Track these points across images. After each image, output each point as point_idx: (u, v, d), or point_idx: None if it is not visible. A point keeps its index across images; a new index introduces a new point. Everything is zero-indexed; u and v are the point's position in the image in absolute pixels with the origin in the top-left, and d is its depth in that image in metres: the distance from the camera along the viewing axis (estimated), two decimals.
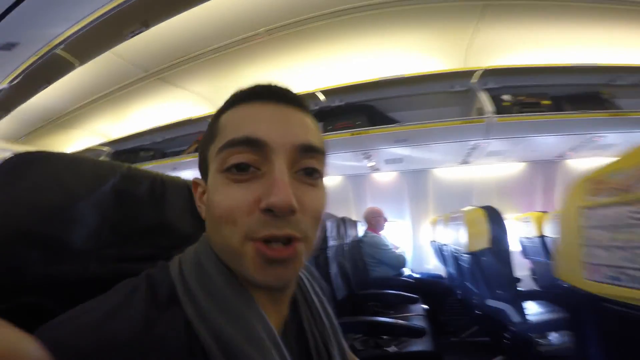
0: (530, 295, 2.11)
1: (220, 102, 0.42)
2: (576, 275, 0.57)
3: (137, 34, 1.77)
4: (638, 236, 0.43)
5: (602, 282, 0.51)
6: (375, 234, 2.92)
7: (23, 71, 1.74)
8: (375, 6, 1.89)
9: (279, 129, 0.36)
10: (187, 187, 0.55)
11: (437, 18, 2.01)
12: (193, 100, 2.76)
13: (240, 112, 0.38)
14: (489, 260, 1.49)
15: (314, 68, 2.47)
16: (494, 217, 1.52)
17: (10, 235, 0.34)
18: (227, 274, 0.37)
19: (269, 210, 0.33)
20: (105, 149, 3.55)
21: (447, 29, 2.13)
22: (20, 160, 0.37)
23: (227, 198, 0.34)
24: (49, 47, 1.60)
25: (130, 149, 3.52)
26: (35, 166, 0.38)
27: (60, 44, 1.60)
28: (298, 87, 2.52)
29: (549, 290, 2.11)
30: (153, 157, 3.35)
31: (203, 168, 0.41)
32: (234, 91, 0.41)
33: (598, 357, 0.58)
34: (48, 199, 0.37)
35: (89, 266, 0.39)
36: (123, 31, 1.71)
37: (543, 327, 1.36)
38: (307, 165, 0.37)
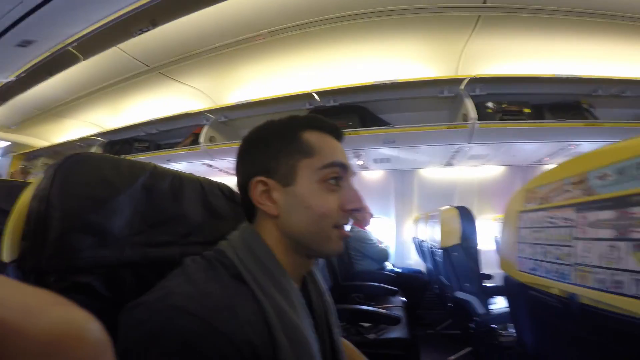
0: (498, 291, 2.14)
1: (218, 98, 0.54)
2: (512, 267, 0.70)
3: (145, 32, 1.81)
4: (550, 235, 0.56)
5: (527, 273, 0.64)
6: (361, 229, 2.99)
7: (32, 66, 1.76)
8: (374, 14, 1.95)
9: (347, 161, 0.57)
10: (199, 183, 0.64)
11: (433, 27, 2.07)
12: (191, 94, 2.77)
13: (327, 141, 0.55)
14: (459, 256, 1.62)
15: (311, 70, 2.51)
16: (466, 216, 1.65)
17: (72, 223, 0.41)
18: (275, 260, 0.50)
19: (355, 210, 0.53)
20: (99, 139, 3.55)
21: (442, 38, 2.18)
22: (74, 161, 0.45)
23: (327, 202, 0.52)
24: (62, 45, 1.63)
25: (124, 140, 3.50)
26: (85, 166, 0.46)
27: (73, 42, 1.64)
28: (295, 87, 2.56)
29: None
30: (147, 149, 3.34)
31: (280, 171, 0.53)
32: (309, 115, 0.58)
33: (529, 337, 0.71)
34: (97, 193, 0.45)
35: (124, 250, 0.46)
36: (131, 29, 1.75)
37: (503, 318, 1.45)
38: None
